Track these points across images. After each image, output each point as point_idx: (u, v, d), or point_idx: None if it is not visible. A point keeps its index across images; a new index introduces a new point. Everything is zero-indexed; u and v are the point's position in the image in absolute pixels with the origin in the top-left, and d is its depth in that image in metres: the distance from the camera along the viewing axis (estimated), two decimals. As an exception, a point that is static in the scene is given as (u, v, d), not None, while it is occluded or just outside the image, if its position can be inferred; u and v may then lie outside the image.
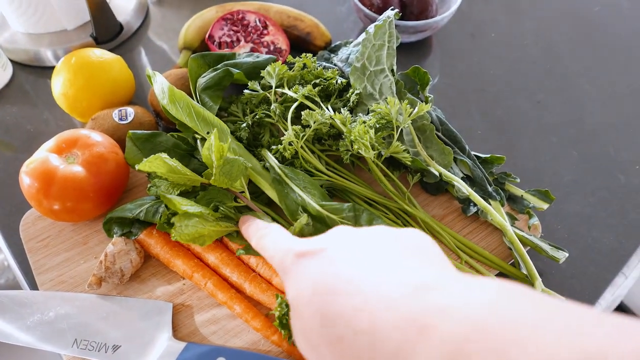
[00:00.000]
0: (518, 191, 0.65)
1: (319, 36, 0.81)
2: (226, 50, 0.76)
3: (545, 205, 0.63)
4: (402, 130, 0.61)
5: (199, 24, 0.80)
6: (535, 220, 0.63)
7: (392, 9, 0.69)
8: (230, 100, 0.68)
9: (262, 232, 0.46)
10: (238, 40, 0.77)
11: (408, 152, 0.61)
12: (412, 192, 0.65)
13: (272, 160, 0.60)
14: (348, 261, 0.33)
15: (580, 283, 0.62)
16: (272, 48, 0.77)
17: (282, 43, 0.78)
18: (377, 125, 0.57)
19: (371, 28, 0.65)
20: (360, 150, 0.56)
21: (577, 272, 0.63)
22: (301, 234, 0.54)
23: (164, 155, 0.54)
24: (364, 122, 0.58)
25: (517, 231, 0.60)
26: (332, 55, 0.78)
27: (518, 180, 0.65)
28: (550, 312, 0.23)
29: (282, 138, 0.59)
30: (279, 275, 0.41)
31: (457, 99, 0.80)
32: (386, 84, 0.63)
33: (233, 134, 0.64)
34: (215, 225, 0.54)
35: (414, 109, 0.59)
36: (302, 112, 0.60)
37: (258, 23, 0.78)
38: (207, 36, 0.76)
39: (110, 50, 0.86)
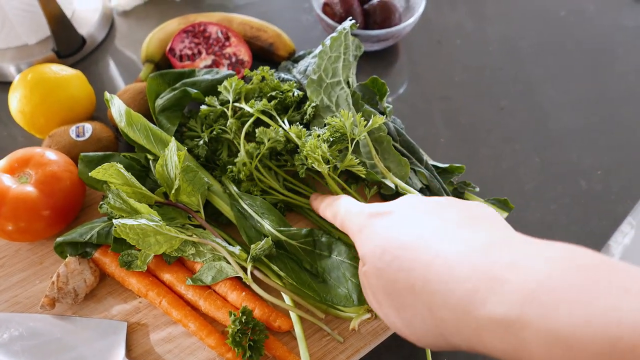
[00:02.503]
0: (477, 200, 0.65)
1: (282, 46, 0.80)
2: (187, 63, 0.76)
3: (504, 214, 0.63)
4: (358, 142, 0.60)
5: (161, 36, 0.79)
6: (493, 230, 0.63)
7: (350, 19, 0.69)
8: (190, 115, 0.68)
9: (332, 199, 0.51)
10: (199, 53, 0.77)
11: (365, 164, 0.61)
12: (372, 202, 0.65)
13: (230, 187, 0.60)
14: (418, 221, 0.37)
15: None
16: (234, 60, 0.77)
17: (245, 54, 0.78)
18: (332, 139, 0.57)
19: (327, 40, 0.64)
20: (313, 165, 0.56)
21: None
22: (263, 253, 0.54)
23: (120, 165, 0.54)
24: (318, 135, 0.58)
25: (475, 241, 0.60)
26: (295, 65, 0.78)
27: (477, 189, 0.65)
28: (609, 271, 0.25)
29: (235, 160, 0.59)
30: (352, 233, 0.44)
31: (422, 106, 0.80)
32: (342, 96, 0.63)
33: (191, 152, 0.64)
34: (167, 231, 0.52)
35: (369, 121, 0.58)
36: (256, 130, 0.59)
37: (220, 35, 0.78)
38: (167, 49, 0.76)
39: (75, 63, 0.85)
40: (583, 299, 0.24)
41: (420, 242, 0.35)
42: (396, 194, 0.61)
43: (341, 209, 0.48)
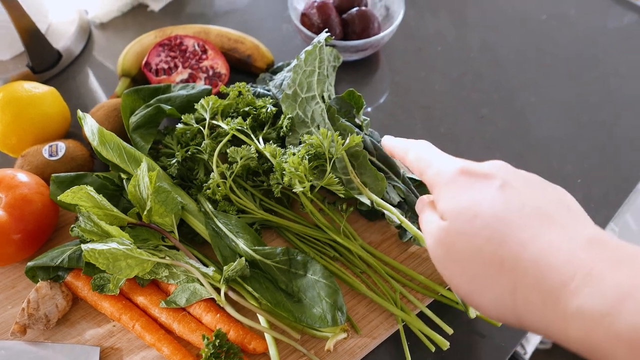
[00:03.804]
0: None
1: (260, 58, 0.80)
2: (164, 78, 0.75)
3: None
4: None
5: (137, 49, 0.78)
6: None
7: (326, 31, 0.69)
8: (166, 132, 0.67)
9: (412, 143, 0.48)
10: (176, 67, 0.76)
11: (341, 180, 0.60)
12: (350, 218, 0.65)
13: (206, 205, 0.60)
14: (517, 195, 0.36)
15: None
16: (211, 73, 0.76)
17: (222, 67, 0.77)
18: (307, 157, 0.57)
19: (302, 54, 0.64)
20: (292, 183, 0.55)
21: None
22: (236, 274, 0.53)
23: (89, 187, 0.54)
24: (293, 154, 0.57)
25: (454, 256, 0.60)
26: (273, 77, 0.77)
27: (456, 202, 0.64)
28: None
29: (208, 182, 0.58)
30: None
31: (402, 116, 0.80)
32: (317, 111, 0.62)
33: (167, 170, 0.63)
34: (138, 255, 0.52)
35: (347, 139, 0.58)
36: (228, 150, 0.59)
37: (197, 48, 0.77)
38: (143, 63, 0.75)
39: (51, 78, 0.84)
40: None
41: (518, 220, 0.34)
42: (372, 209, 0.60)
43: (422, 152, 0.46)
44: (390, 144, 0.52)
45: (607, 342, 0.27)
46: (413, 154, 0.47)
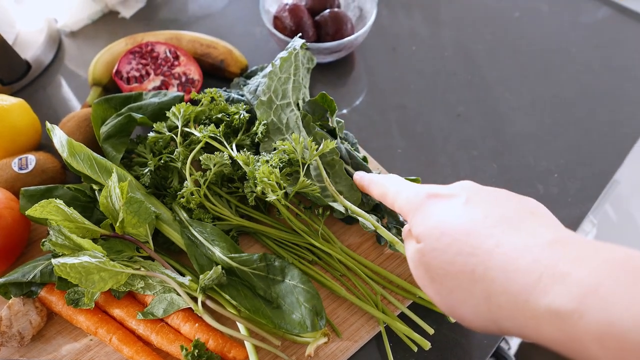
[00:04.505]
0: (434, 213, 0.64)
1: (234, 63, 0.79)
2: (135, 86, 0.74)
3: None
4: (309, 165, 0.59)
5: (108, 58, 0.77)
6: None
7: (300, 36, 0.68)
8: (139, 141, 0.66)
9: (380, 177, 0.51)
10: (147, 74, 0.75)
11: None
12: (328, 221, 0.64)
13: (181, 214, 0.59)
14: (480, 208, 0.38)
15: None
16: (184, 79, 0.75)
17: (195, 73, 0.76)
18: (281, 164, 0.56)
19: (277, 60, 0.63)
20: (265, 192, 0.55)
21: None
22: (213, 283, 0.53)
23: (59, 200, 0.53)
24: (267, 161, 0.56)
25: (432, 256, 0.60)
26: (248, 81, 0.77)
27: (434, 201, 0.65)
28: None
29: (182, 191, 0.58)
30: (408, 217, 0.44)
31: (378, 117, 0.80)
32: (292, 119, 0.62)
33: (139, 180, 0.62)
34: (111, 267, 0.51)
35: (320, 145, 0.57)
36: (201, 157, 0.58)
37: (168, 54, 0.76)
38: (114, 71, 0.74)
39: (21, 89, 0.83)
40: (637, 296, 0.26)
41: (482, 230, 0.36)
42: (347, 217, 0.60)
43: (392, 188, 0.48)
44: (362, 180, 0.55)
45: (578, 339, 0.28)
46: (383, 188, 0.50)
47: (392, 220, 0.61)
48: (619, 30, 0.92)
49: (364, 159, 0.66)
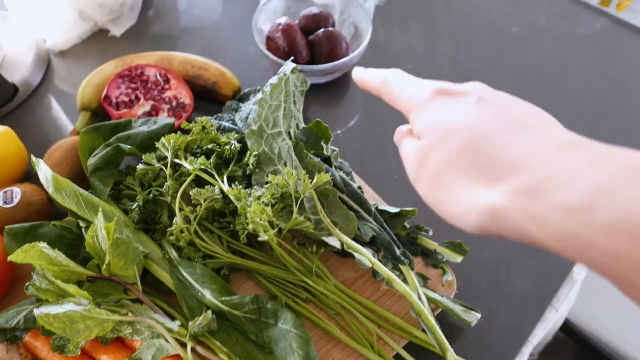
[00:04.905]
0: (431, 245, 0.63)
1: (226, 85, 0.77)
2: (124, 111, 0.72)
3: (459, 258, 0.61)
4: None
5: (97, 81, 0.75)
6: (448, 277, 0.61)
7: (292, 60, 0.66)
8: (127, 172, 0.65)
9: (386, 73, 0.46)
10: (137, 99, 0.73)
11: (309, 220, 0.58)
12: (323, 254, 0.62)
13: (170, 252, 0.57)
14: (493, 108, 0.36)
15: (500, 335, 0.61)
16: (174, 104, 0.73)
17: (186, 97, 0.74)
18: (274, 201, 0.54)
19: (267, 87, 0.61)
20: (257, 231, 0.53)
21: (498, 324, 0.61)
22: (203, 330, 0.51)
23: (43, 244, 0.51)
24: (259, 197, 0.55)
25: (429, 292, 0.58)
26: (240, 104, 0.75)
27: (430, 233, 0.63)
28: None
29: (171, 228, 0.56)
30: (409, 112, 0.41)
31: (374, 139, 0.78)
32: (284, 148, 0.60)
33: (128, 214, 0.60)
34: (96, 315, 0.49)
35: (314, 178, 0.56)
36: (190, 192, 0.56)
37: (159, 77, 0.74)
38: (103, 96, 0.72)
39: (7, 113, 0.81)
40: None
41: (494, 129, 0.34)
42: (342, 251, 0.58)
43: (394, 83, 0.44)
44: (361, 76, 0.49)
45: (586, 235, 0.27)
46: (384, 82, 0.45)
47: (389, 254, 0.59)
48: (618, 44, 0.90)
49: (359, 187, 0.64)
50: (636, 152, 0.29)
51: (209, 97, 0.79)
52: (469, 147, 0.34)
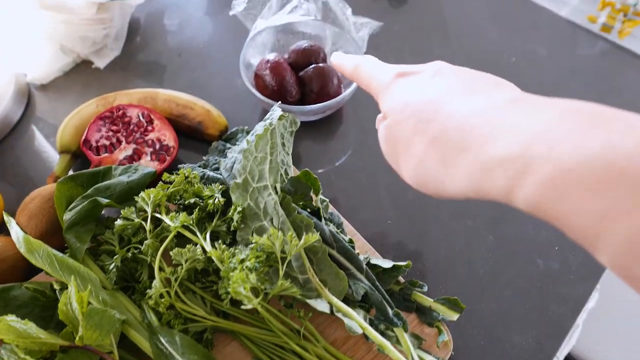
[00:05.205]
0: (426, 301, 0.60)
1: (212, 125, 0.74)
2: (105, 156, 0.69)
3: (455, 316, 0.58)
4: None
5: (76, 122, 0.72)
6: (444, 338, 0.58)
7: (279, 105, 0.63)
8: (107, 225, 0.61)
9: (358, 59, 0.50)
10: (119, 142, 0.70)
11: (297, 280, 0.55)
12: (314, 313, 0.59)
13: (150, 315, 0.54)
14: (444, 80, 0.38)
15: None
16: (158, 146, 0.70)
17: (170, 139, 0.71)
18: (257, 265, 0.51)
19: (252, 137, 0.58)
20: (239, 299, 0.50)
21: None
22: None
23: (11, 317, 0.48)
24: (242, 260, 0.51)
25: (423, 355, 0.55)
26: (227, 145, 0.72)
27: (425, 288, 0.60)
28: (615, 115, 0.27)
29: (150, 292, 0.53)
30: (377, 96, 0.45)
31: (366, 181, 0.75)
32: (270, 203, 0.57)
33: (106, 273, 0.57)
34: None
35: (302, 238, 0.52)
36: (171, 253, 0.53)
37: (142, 118, 0.71)
38: (82, 141, 0.69)
39: (-15, 152, 0.77)
40: (585, 135, 0.26)
41: (443, 98, 0.36)
42: (331, 314, 0.55)
43: (366, 67, 0.48)
44: (339, 61, 0.53)
45: (525, 184, 0.28)
46: (356, 67, 0.49)
47: (381, 315, 0.56)
48: (620, 73, 0.87)
49: (350, 241, 0.61)
50: (575, 100, 0.30)
51: (194, 137, 0.76)
52: (424, 117, 0.37)
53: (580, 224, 0.26)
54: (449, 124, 0.34)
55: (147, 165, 0.69)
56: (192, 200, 0.59)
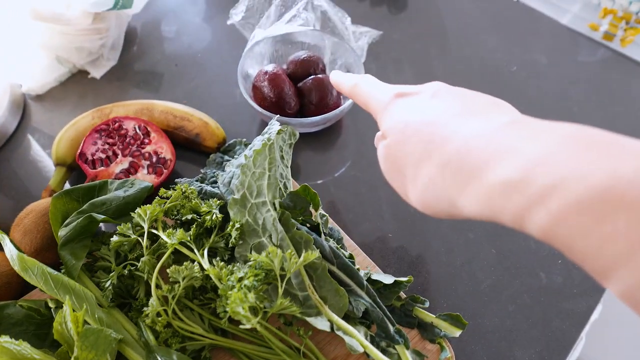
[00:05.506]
0: (428, 317, 0.59)
1: (209, 137, 0.73)
2: (101, 170, 0.68)
3: (457, 333, 0.57)
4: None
5: (72, 135, 0.71)
6: (446, 354, 0.57)
7: (277, 119, 0.62)
8: (102, 241, 0.60)
9: (357, 78, 0.50)
10: (115, 155, 0.68)
11: (297, 297, 0.54)
12: (314, 331, 0.58)
13: (147, 333, 0.53)
14: (443, 101, 0.38)
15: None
16: (154, 159, 0.69)
17: (167, 152, 0.70)
18: (256, 284, 0.50)
19: (250, 152, 0.57)
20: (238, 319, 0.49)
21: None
22: None
23: (4, 338, 0.47)
24: (240, 279, 0.50)
25: (426, 373, 0.54)
26: (226, 157, 0.71)
27: (427, 304, 0.59)
28: (615, 142, 0.27)
29: (147, 310, 0.52)
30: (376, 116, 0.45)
31: (366, 194, 0.74)
32: (269, 219, 0.56)
33: (102, 289, 0.56)
34: None
35: (301, 256, 0.52)
36: (168, 270, 0.52)
37: (138, 131, 0.70)
38: (77, 154, 0.68)
39: (-20, 164, 0.76)
40: (585, 159, 0.26)
41: (443, 119, 0.37)
42: (331, 332, 0.54)
43: (365, 86, 0.48)
44: (337, 79, 0.54)
45: (526, 208, 0.28)
46: (355, 86, 0.49)
47: (382, 332, 0.55)
48: (622, 84, 0.86)
49: (351, 256, 0.60)
50: (574, 124, 0.30)
51: (192, 149, 0.75)
52: (424, 138, 0.37)
53: (590, 254, 0.25)
54: (449, 147, 0.35)
55: (144, 178, 0.68)
56: (189, 217, 0.58)
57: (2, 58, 0.84)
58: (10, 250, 0.53)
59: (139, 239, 0.57)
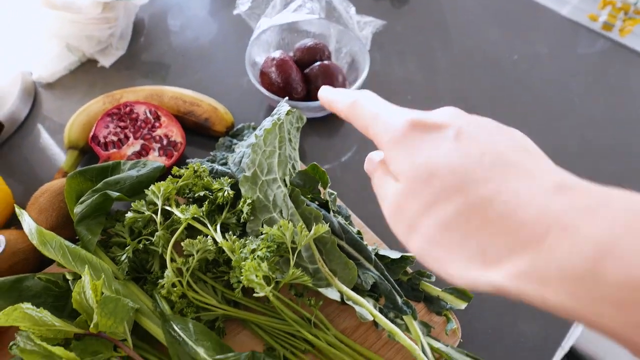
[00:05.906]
0: (434, 291, 0.60)
1: (219, 121, 0.75)
2: (113, 152, 0.69)
3: (463, 305, 0.59)
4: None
5: (84, 119, 0.73)
6: (452, 326, 0.58)
7: (286, 100, 0.64)
8: (117, 218, 0.62)
9: (355, 95, 0.40)
10: (126, 138, 0.70)
11: (307, 270, 0.56)
12: (323, 302, 0.60)
13: (162, 304, 0.54)
14: (474, 144, 0.32)
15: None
16: (165, 142, 0.71)
17: (177, 135, 0.71)
18: (269, 255, 0.52)
19: (260, 131, 0.59)
20: (253, 287, 0.51)
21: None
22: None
23: (26, 305, 0.48)
24: (253, 250, 0.52)
25: (432, 342, 0.56)
26: (234, 141, 0.72)
27: (433, 278, 0.61)
28: None
29: (162, 281, 0.53)
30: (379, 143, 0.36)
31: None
32: (279, 196, 0.57)
33: (117, 264, 0.58)
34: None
35: (312, 229, 0.53)
36: (182, 243, 0.54)
37: (149, 115, 0.72)
38: (90, 136, 0.69)
39: (-7, 149, 0.78)
40: None
41: (480, 172, 0.30)
42: (342, 302, 0.56)
43: (367, 108, 0.38)
44: (327, 96, 0.43)
45: (591, 304, 0.24)
46: (354, 105, 0.39)
47: (390, 304, 0.57)
48: (621, 74, 0.88)
49: (359, 232, 0.62)
50: (634, 194, 0.26)
51: (201, 133, 0.77)
52: (456, 196, 0.30)
53: None
54: (492, 214, 0.29)
55: (155, 160, 0.69)
56: (201, 194, 0.59)
57: (13, 46, 0.85)
58: (29, 225, 0.55)
59: (153, 215, 0.58)
